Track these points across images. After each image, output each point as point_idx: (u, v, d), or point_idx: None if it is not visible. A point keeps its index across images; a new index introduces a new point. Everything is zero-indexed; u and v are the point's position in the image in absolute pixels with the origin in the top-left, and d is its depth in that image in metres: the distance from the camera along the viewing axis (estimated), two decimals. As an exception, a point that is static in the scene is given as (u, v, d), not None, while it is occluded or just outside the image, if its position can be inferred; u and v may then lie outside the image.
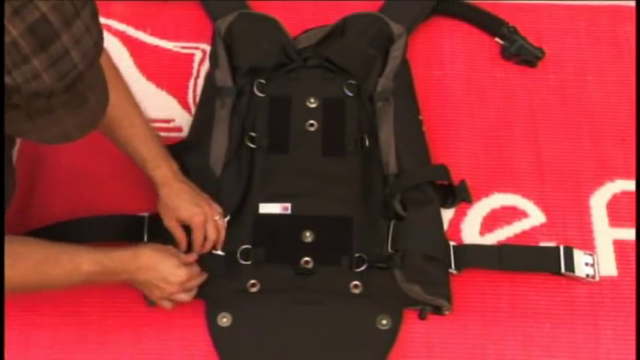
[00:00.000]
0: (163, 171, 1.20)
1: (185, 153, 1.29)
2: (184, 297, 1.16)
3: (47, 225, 1.26)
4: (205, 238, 1.22)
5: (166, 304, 1.17)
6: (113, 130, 1.17)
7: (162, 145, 1.22)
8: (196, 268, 1.18)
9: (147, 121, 1.20)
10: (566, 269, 1.25)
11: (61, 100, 0.76)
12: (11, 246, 0.97)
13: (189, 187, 1.22)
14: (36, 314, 1.21)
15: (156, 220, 1.24)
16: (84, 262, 1.05)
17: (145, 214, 1.27)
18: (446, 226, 1.30)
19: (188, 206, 1.20)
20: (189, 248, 1.22)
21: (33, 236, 1.21)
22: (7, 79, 0.71)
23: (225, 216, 1.25)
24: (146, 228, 1.26)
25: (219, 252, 1.24)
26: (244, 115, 1.35)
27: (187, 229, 1.22)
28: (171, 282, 1.12)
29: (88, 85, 0.78)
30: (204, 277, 1.19)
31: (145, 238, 1.25)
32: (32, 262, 1.02)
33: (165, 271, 1.12)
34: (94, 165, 1.35)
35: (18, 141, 1.33)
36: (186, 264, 1.16)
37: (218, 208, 1.25)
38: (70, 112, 0.79)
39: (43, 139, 0.83)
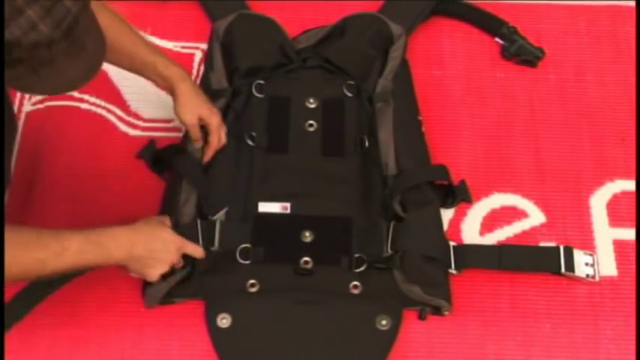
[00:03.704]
0: (176, 69, 1.22)
1: (178, 154, 1.29)
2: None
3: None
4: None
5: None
6: (115, 49, 1.12)
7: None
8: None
9: (141, 35, 1.22)
10: (566, 269, 1.24)
11: (61, 48, 0.78)
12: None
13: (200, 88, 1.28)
14: (36, 314, 1.21)
15: None
16: (73, 242, 1.01)
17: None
18: (446, 226, 1.30)
19: (207, 104, 1.25)
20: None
21: None
22: (6, 34, 0.73)
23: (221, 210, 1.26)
24: None
25: (215, 248, 1.24)
26: (240, 113, 1.35)
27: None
28: (166, 257, 1.12)
29: (85, 31, 0.80)
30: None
31: None
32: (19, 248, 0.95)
33: (160, 245, 1.11)
34: (94, 165, 1.35)
35: (18, 139, 1.34)
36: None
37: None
38: (70, 60, 0.81)
39: (48, 91, 0.87)
